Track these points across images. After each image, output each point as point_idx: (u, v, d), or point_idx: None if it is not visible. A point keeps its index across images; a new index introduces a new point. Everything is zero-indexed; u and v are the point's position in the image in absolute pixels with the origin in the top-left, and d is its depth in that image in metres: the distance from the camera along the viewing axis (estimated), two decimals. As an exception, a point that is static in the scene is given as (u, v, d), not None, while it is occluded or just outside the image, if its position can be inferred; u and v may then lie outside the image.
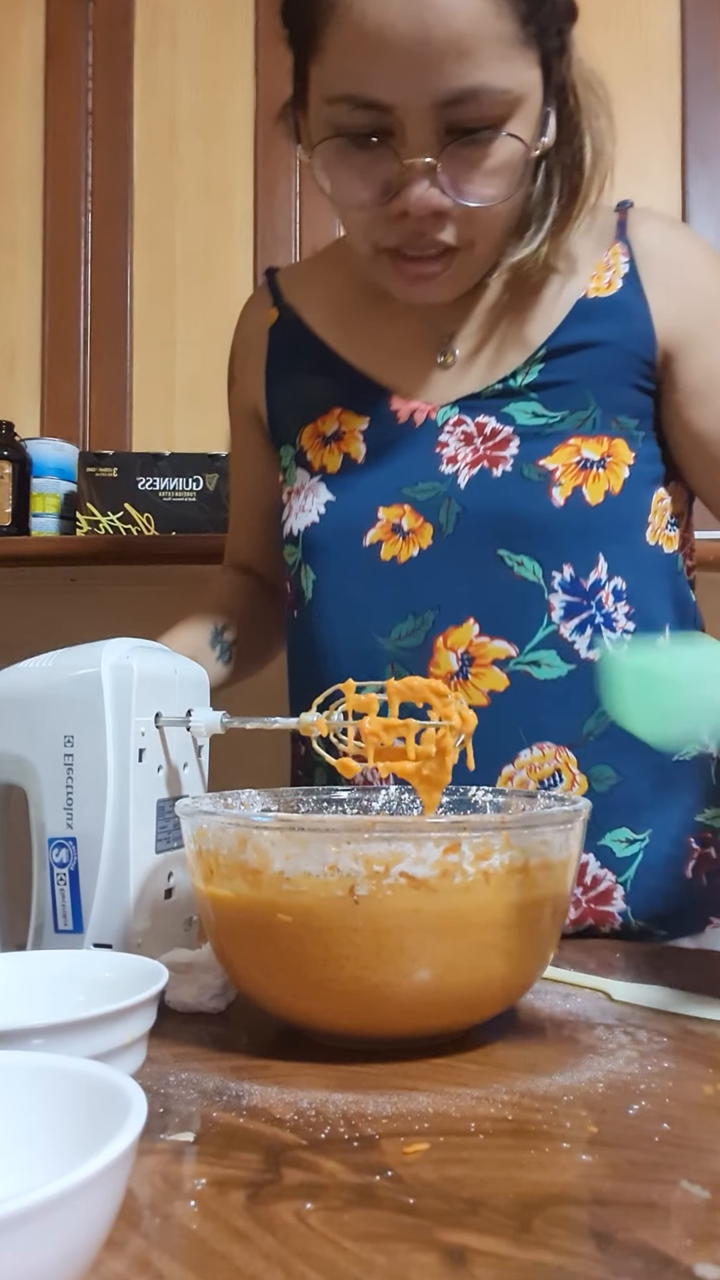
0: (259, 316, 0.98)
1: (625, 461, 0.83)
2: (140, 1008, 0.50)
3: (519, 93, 0.72)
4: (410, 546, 0.84)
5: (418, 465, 0.85)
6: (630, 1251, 0.37)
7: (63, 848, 0.67)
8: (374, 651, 0.84)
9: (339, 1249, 0.37)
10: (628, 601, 0.83)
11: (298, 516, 0.89)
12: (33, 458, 1.58)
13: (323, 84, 0.74)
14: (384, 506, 0.85)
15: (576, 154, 0.81)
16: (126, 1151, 0.33)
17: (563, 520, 0.81)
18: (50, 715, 0.68)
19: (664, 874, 0.85)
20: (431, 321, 0.88)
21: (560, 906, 0.60)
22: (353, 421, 0.89)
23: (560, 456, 0.82)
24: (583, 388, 0.83)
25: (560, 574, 0.82)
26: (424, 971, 0.55)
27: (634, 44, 1.71)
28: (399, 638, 0.84)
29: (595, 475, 0.82)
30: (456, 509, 0.83)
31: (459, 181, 0.74)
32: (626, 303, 0.84)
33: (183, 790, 0.72)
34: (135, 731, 0.67)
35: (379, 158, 0.74)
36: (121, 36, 1.79)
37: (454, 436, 0.85)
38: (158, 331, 1.77)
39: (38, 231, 1.81)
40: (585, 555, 0.82)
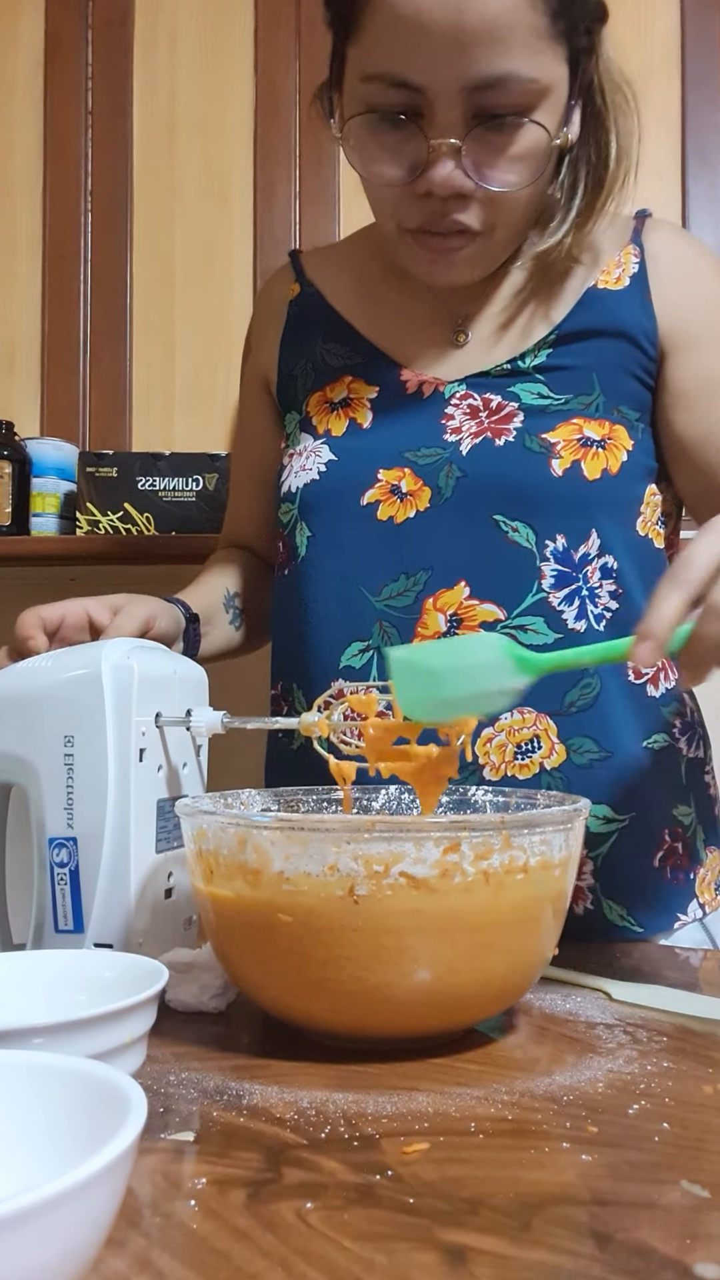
0: (280, 290, 1.00)
1: (624, 447, 0.85)
2: (140, 1007, 0.50)
3: (545, 83, 0.75)
4: (407, 508, 0.85)
5: (422, 432, 0.87)
6: (630, 1251, 0.37)
7: (63, 847, 0.67)
8: (363, 609, 0.86)
9: (339, 1248, 0.37)
10: (615, 581, 0.85)
11: (297, 475, 0.90)
12: (33, 457, 1.58)
13: (359, 63, 0.77)
14: (384, 469, 0.87)
15: (602, 150, 0.83)
16: (127, 1151, 0.33)
17: (559, 490, 0.83)
18: (50, 715, 0.68)
19: (635, 858, 0.86)
20: (449, 303, 0.91)
21: (560, 906, 0.60)
22: (362, 390, 0.91)
23: (563, 432, 0.84)
24: (588, 373, 0.85)
25: (553, 543, 0.83)
26: (424, 971, 0.55)
27: (634, 44, 1.71)
28: (389, 597, 0.85)
29: (595, 453, 0.83)
30: (457, 474, 0.84)
31: (482, 165, 0.76)
32: (633, 298, 0.87)
33: (183, 790, 0.72)
34: (136, 731, 0.67)
35: (408, 137, 0.77)
36: (121, 36, 1.79)
37: (460, 409, 0.87)
38: (157, 331, 1.76)
39: (37, 231, 1.80)
40: (579, 527, 0.83)
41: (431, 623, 0.84)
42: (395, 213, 0.81)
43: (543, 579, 0.83)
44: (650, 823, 0.86)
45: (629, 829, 0.85)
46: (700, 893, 0.89)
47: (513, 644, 0.63)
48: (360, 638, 0.86)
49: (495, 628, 0.82)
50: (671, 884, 0.88)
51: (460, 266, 0.83)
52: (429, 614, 0.84)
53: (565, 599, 0.83)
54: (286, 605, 0.92)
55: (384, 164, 0.78)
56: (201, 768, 0.75)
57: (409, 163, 0.77)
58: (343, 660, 0.86)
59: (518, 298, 0.90)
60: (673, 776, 0.89)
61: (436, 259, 0.82)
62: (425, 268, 0.84)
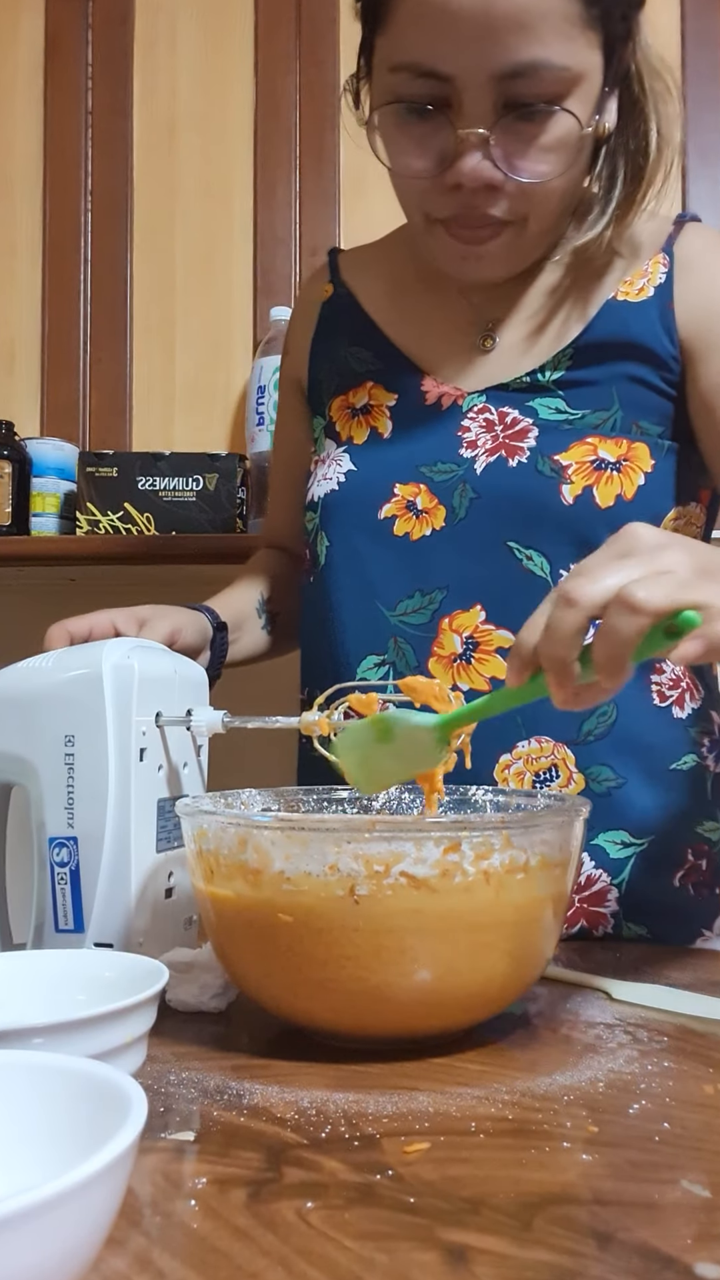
0: (315, 291, 1.00)
1: (643, 468, 0.83)
2: (140, 1007, 0.50)
3: (577, 71, 0.73)
4: (423, 526, 0.85)
5: (438, 445, 0.86)
6: (630, 1251, 0.37)
7: (64, 847, 0.67)
8: (379, 623, 0.86)
9: (340, 1248, 0.37)
10: None
11: (319, 484, 0.90)
12: (33, 457, 1.58)
13: (387, 53, 0.75)
14: (400, 483, 0.87)
15: (641, 139, 0.81)
16: (127, 1150, 0.33)
17: (571, 518, 0.81)
18: (51, 715, 0.68)
19: (656, 879, 0.85)
20: (479, 307, 0.89)
21: (560, 906, 0.60)
22: (382, 397, 0.91)
23: (575, 454, 0.82)
24: (607, 388, 0.84)
25: (566, 572, 0.81)
26: (424, 971, 0.55)
27: (634, 44, 1.71)
28: (405, 613, 0.85)
29: (609, 477, 0.82)
30: (470, 494, 0.84)
31: (512, 156, 0.74)
32: (653, 309, 0.84)
33: (183, 790, 0.72)
34: (136, 731, 0.67)
35: (436, 128, 0.75)
36: (121, 36, 1.79)
37: (476, 422, 0.86)
38: (157, 331, 1.76)
39: (37, 231, 1.80)
40: None
41: (448, 644, 0.83)
42: (423, 204, 0.79)
43: None
44: (671, 843, 0.86)
45: (646, 851, 0.84)
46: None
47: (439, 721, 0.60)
48: (376, 651, 0.86)
49: None
50: (695, 900, 0.87)
51: (491, 260, 0.81)
52: (445, 634, 0.84)
53: None
54: (311, 612, 0.93)
55: (412, 155, 0.77)
56: (202, 768, 0.75)
57: (437, 154, 0.76)
58: (359, 673, 0.86)
59: (551, 298, 0.88)
60: (700, 794, 0.87)
61: (467, 251, 0.80)
62: (455, 261, 0.82)
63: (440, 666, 0.84)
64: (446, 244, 0.81)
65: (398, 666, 0.85)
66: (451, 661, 0.83)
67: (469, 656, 0.83)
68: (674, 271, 0.85)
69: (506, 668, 0.56)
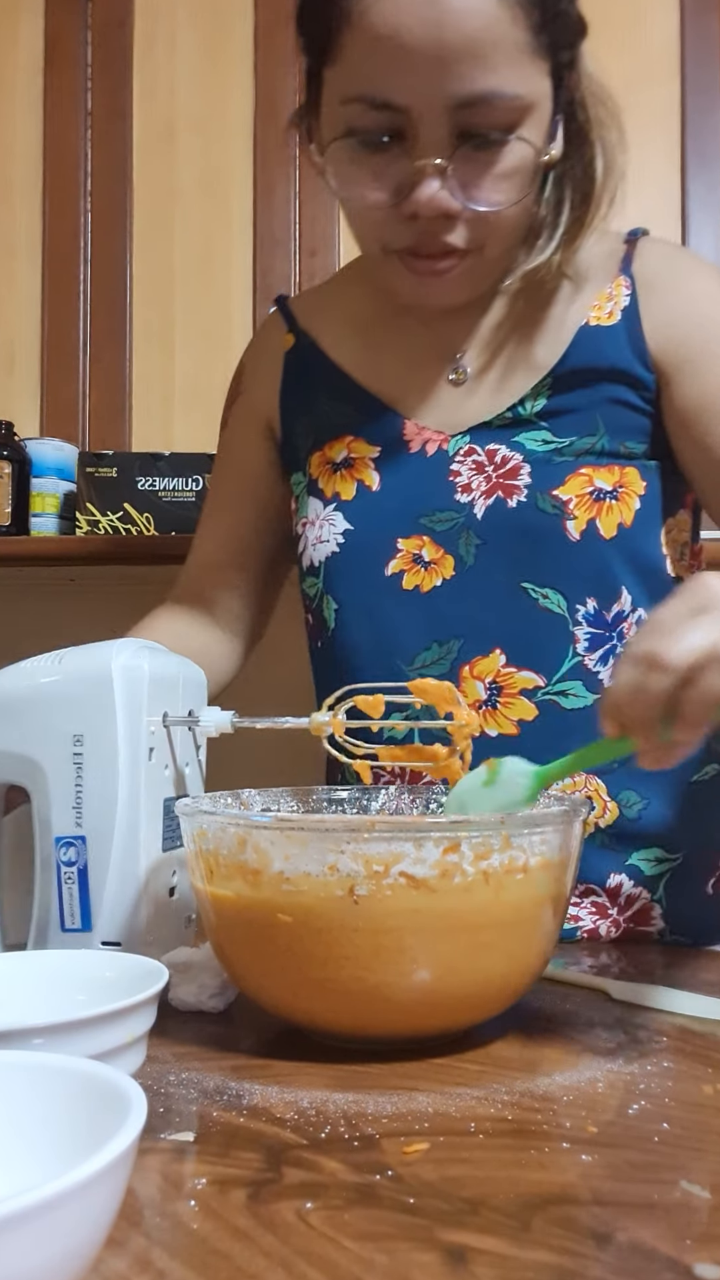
0: (274, 340, 0.97)
1: (637, 492, 0.83)
2: (140, 1007, 0.50)
3: (530, 99, 0.73)
4: (433, 576, 0.85)
5: (433, 494, 0.85)
6: (630, 1251, 0.37)
7: (71, 846, 0.67)
8: (398, 679, 0.83)
9: (339, 1248, 0.37)
10: None
11: (316, 548, 0.88)
12: (32, 458, 1.58)
13: (338, 86, 0.75)
14: (403, 537, 0.85)
15: (588, 165, 0.82)
16: (127, 1151, 0.33)
17: (580, 554, 0.82)
18: (59, 715, 0.67)
19: (693, 891, 0.86)
20: (442, 334, 0.88)
21: (560, 906, 0.60)
22: (363, 449, 0.88)
23: (573, 487, 0.82)
24: (590, 413, 0.84)
25: (584, 607, 0.82)
26: (424, 971, 0.55)
27: (633, 45, 1.71)
28: (424, 665, 0.84)
29: (609, 507, 0.82)
30: (476, 541, 0.83)
31: (469, 185, 0.75)
32: (624, 332, 0.85)
33: (187, 790, 0.72)
34: (145, 730, 0.67)
35: (392, 159, 0.75)
36: (120, 38, 1.79)
37: (465, 465, 0.85)
38: (157, 332, 1.77)
39: (37, 232, 1.81)
40: (608, 588, 0.83)
41: (471, 691, 0.83)
42: (380, 235, 0.79)
43: (577, 643, 0.82)
44: (702, 852, 0.86)
45: (681, 865, 0.85)
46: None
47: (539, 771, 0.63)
48: (399, 709, 0.83)
49: (536, 695, 0.82)
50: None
51: (450, 286, 0.81)
52: (467, 682, 0.83)
53: (600, 659, 0.82)
54: (325, 678, 0.91)
55: (368, 187, 0.76)
56: (201, 768, 0.75)
57: (393, 185, 0.75)
58: (386, 733, 0.83)
59: (511, 325, 0.87)
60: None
61: (425, 280, 0.80)
62: (413, 290, 0.81)
63: None
64: (404, 274, 0.80)
65: (423, 720, 0.83)
66: (477, 708, 0.82)
67: (494, 702, 0.82)
68: (637, 292, 0.85)
69: (600, 724, 0.57)
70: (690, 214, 1.70)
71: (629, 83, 1.71)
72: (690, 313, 0.85)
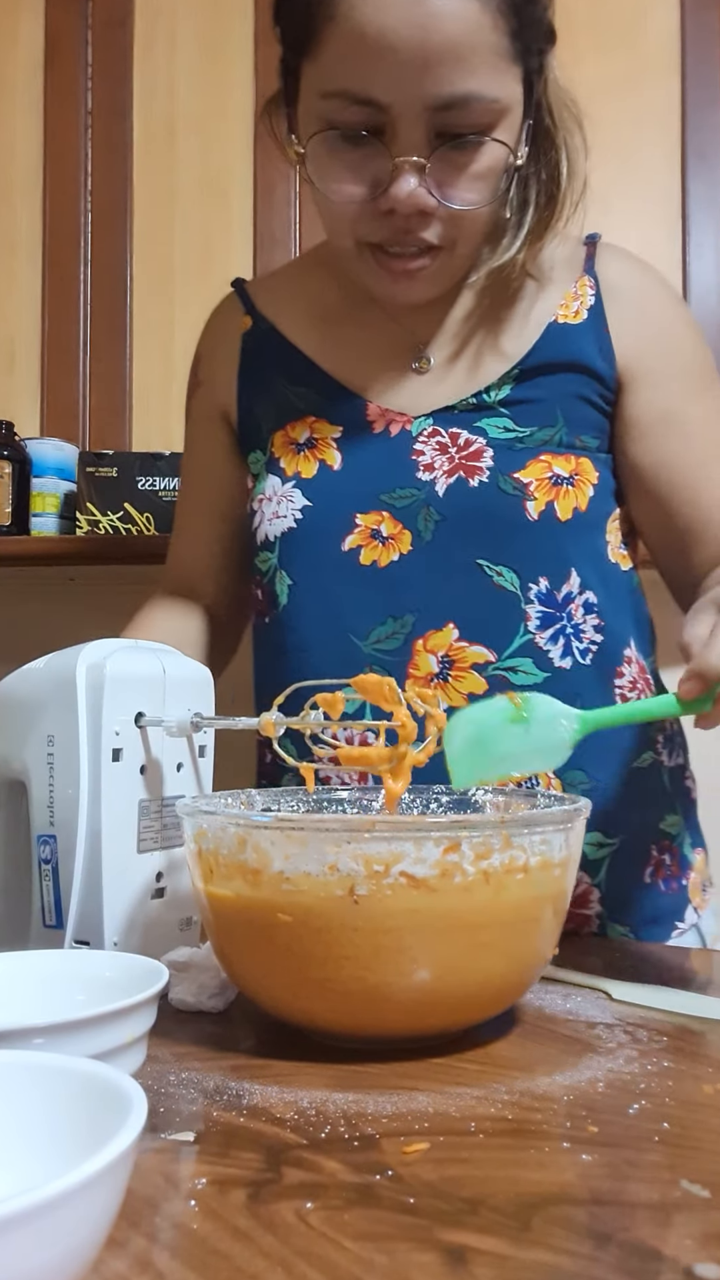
0: (230, 322, 0.98)
1: (590, 481, 0.86)
2: (140, 1007, 0.50)
3: (505, 102, 0.76)
4: (390, 551, 0.86)
5: (395, 472, 0.86)
6: (630, 1251, 0.37)
7: (46, 844, 0.68)
8: (352, 655, 0.85)
9: (339, 1248, 0.37)
10: (598, 615, 0.86)
11: (272, 522, 0.89)
12: (33, 457, 1.58)
13: (319, 80, 0.76)
14: (361, 513, 0.86)
15: (554, 167, 0.84)
16: (127, 1151, 0.33)
17: (537, 533, 0.84)
18: (37, 716, 0.68)
19: (630, 877, 0.87)
20: (407, 326, 0.90)
21: (560, 906, 0.60)
22: (326, 429, 0.90)
23: (533, 471, 0.84)
24: (551, 406, 0.86)
25: (536, 586, 0.84)
26: (424, 971, 0.55)
27: (634, 44, 1.71)
28: (378, 640, 0.85)
29: (565, 491, 0.85)
30: (436, 517, 0.85)
31: (444, 184, 0.76)
32: (592, 332, 0.87)
33: (174, 791, 0.72)
34: (109, 731, 0.67)
35: (370, 155, 0.76)
36: (120, 37, 1.79)
37: (429, 445, 0.86)
38: (157, 331, 1.77)
39: (37, 232, 1.81)
40: (558, 569, 0.85)
41: (423, 664, 0.84)
42: (355, 229, 0.80)
43: (528, 620, 0.84)
44: (639, 839, 0.88)
45: (619, 850, 0.87)
46: (692, 896, 0.91)
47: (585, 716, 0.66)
48: None
49: (485, 669, 0.83)
50: (666, 895, 0.89)
51: (421, 283, 0.83)
52: (420, 655, 0.84)
53: (550, 638, 0.85)
54: (269, 654, 0.91)
55: (345, 181, 0.78)
56: (200, 769, 0.74)
57: (370, 179, 0.77)
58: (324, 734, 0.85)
59: (474, 313, 0.89)
60: (658, 789, 0.90)
61: (397, 275, 0.82)
62: (386, 285, 0.83)
63: (417, 688, 0.84)
64: (376, 270, 0.82)
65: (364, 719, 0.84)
66: (429, 681, 0.83)
67: (445, 675, 0.83)
68: (602, 294, 0.88)
69: (681, 682, 0.61)
70: (690, 213, 1.69)
71: (629, 80, 1.70)
72: (654, 325, 0.89)
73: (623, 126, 1.70)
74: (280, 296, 0.97)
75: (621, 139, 1.70)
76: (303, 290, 0.96)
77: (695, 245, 1.69)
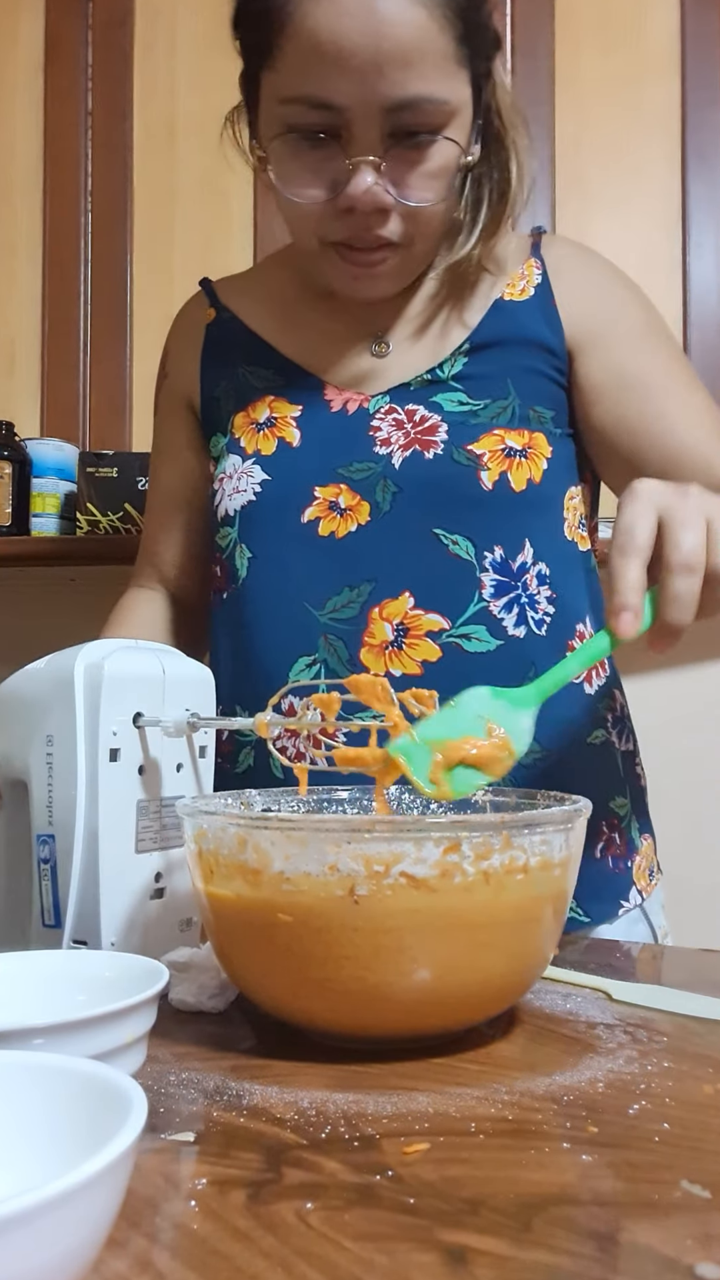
0: (196, 315, 1.03)
1: (544, 454, 0.89)
2: (140, 1007, 0.50)
3: (455, 104, 0.80)
4: (348, 523, 0.88)
5: (352, 447, 0.90)
6: (630, 1251, 0.37)
7: (45, 844, 0.68)
8: (308, 624, 0.87)
9: (339, 1248, 0.37)
10: (550, 587, 0.89)
11: (232, 497, 0.92)
12: (33, 458, 1.58)
13: (277, 87, 0.80)
14: (320, 486, 0.89)
15: (503, 167, 0.89)
16: (127, 1151, 0.33)
17: (491, 502, 0.87)
18: (37, 716, 0.69)
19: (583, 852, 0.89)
20: (366, 318, 0.94)
21: (560, 906, 0.60)
22: (285, 408, 0.93)
23: (486, 443, 0.87)
24: (503, 378, 0.90)
25: (491, 554, 0.87)
26: (424, 971, 0.55)
27: (634, 44, 1.71)
28: (333, 610, 0.87)
29: (518, 463, 0.88)
30: (393, 488, 0.88)
31: (399, 182, 0.81)
32: (539, 307, 0.92)
33: (173, 791, 0.71)
34: (106, 731, 0.67)
35: (328, 156, 0.80)
36: (120, 38, 1.79)
37: (386, 422, 0.90)
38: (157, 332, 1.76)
39: (37, 233, 1.81)
40: (513, 538, 0.88)
41: (379, 632, 0.86)
42: (318, 228, 0.84)
43: (483, 589, 0.87)
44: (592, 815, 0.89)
45: None
46: (637, 880, 0.94)
47: (497, 690, 0.65)
48: (306, 653, 0.88)
49: (440, 636, 0.85)
50: (613, 873, 0.92)
51: (382, 279, 0.87)
52: (375, 624, 0.86)
53: (505, 607, 0.87)
54: (227, 629, 0.93)
55: (305, 181, 0.81)
56: (200, 770, 0.74)
57: (329, 180, 0.81)
58: (291, 675, 0.88)
59: (432, 303, 0.93)
60: (610, 768, 0.93)
61: (359, 272, 0.86)
62: (348, 282, 0.87)
63: (372, 655, 0.86)
64: (340, 266, 0.86)
65: (330, 663, 0.87)
66: (383, 649, 0.86)
67: (400, 643, 0.86)
68: (548, 273, 0.93)
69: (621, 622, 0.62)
70: (690, 213, 1.69)
71: (629, 81, 1.71)
72: (599, 293, 0.93)
73: (623, 126, 1.70)
74: (243, 291, 1.01)
75: (622, 139, 1.70)
76: (264, 285, 1.01)
77: (695, 245, 1.70)
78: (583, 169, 1.70)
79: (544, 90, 1.68)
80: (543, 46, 1.70)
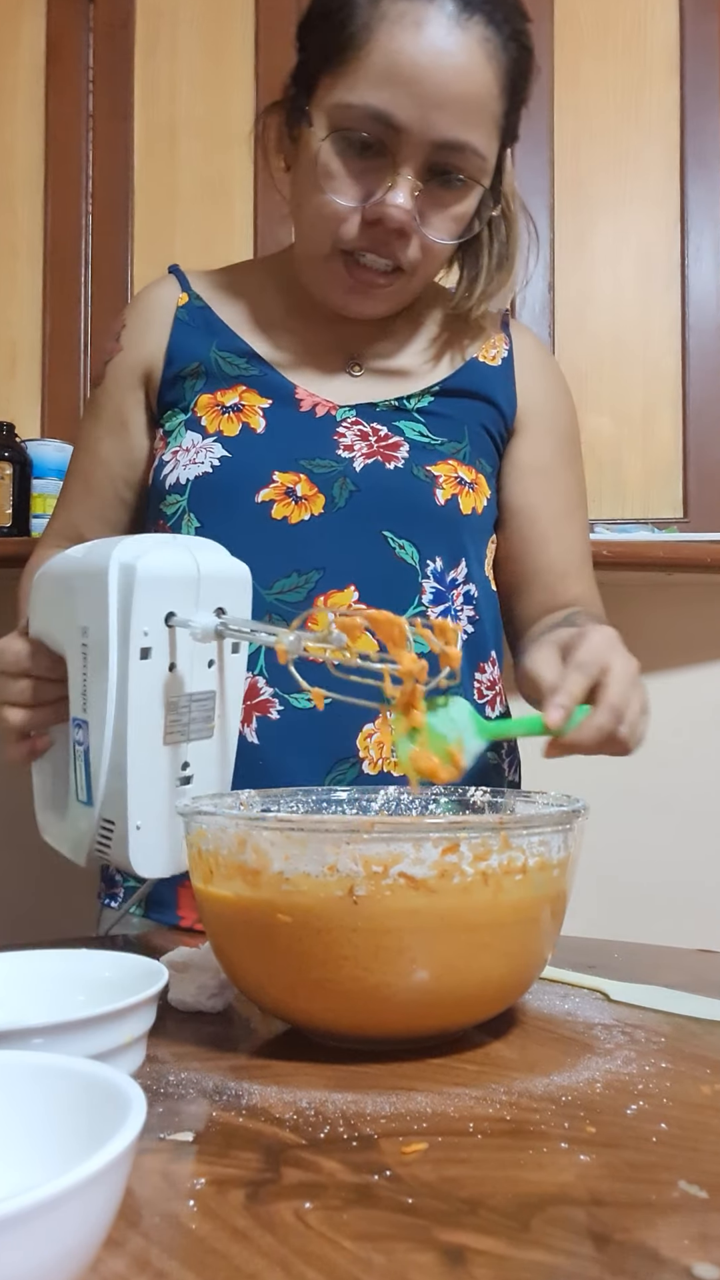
0: (166, 296, 1.02)
1: (484, 494, 0.97)
2: (140, 1007, 0.50)
3: (489, 163, 0.88)
4: (302, 511, 0.91)
5: (316, 445, 0.93)
6: (628, 1251, 0.37)
7: (80, 727, 0.70)
8: (255, 601, 0.86)
9: (338, 1248, 0.37)
10: (474, 609, 0.96)
11: (186, 468, 0.93)
12: (33, 458, 1.59)
13: (342, 91, 0.84)
14: (280, 471, 0.92)
15: (505, 242, 0.97)
16: (126, 1151, 0.33)
17: (441, 517, 0.93)
18: (73, 604, 0.70)
19: None
20: (343, 337, 0.98)
21: (559, 906, 0.60)
22: (254, 399, 0.95)
23: (442, 469, 0.94)
24: (461, 425, 0.97)
25: (433, 564, 0.92)
26: (423, 972, 0.55)
27: (634, 48, 1.72)
28: (281, 591, 0.90)
29: (467, 492, 0.95)
30: (351, 487, 0.92)
31: (426, 214, 0.86)
32: (503, 376, 1.01)
33: (196, 687, 0.71)
34: (138, 631, 0.67)
35: (372, 168, 0.85)
36: (122, 40, 1.79)
37: (351, 431, 0.94)
38: (158, 333, 1.77)
39: (38, 234, 1.81)
40: (453, 554, 0.94)
41: (321, 619, 0.86)
42: (336, 231, 0.87)
43: (424, 594, 0.92)
44: None
45: None
46: None
47: (474, 712, 0.72)
48: None
49: None
50: None
51: (377, 301, 0.92)
52: (320, 612, 0.86)
53: (441, 614, 0.93)
54: None
55: (344, 184, 0.85)
56: (229, 667, 0.74)
57: (367, 189, 0.85)
58: None
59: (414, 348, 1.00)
60: None
61: (359, 288, 0.90)
62: (344, 293, 0.91)
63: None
64: (342, 275, 0.90)
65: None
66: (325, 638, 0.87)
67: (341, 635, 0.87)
68: (514, 352, 1.03)
69: (551, 715, 0.70)
70: (689, 217, 1.70)
71: (629, 85, 1.71)
72: (549, 388, 1.03)
73: (623, 131, 1.70)
74: (217, 286, 1.03)
75: (622, 143, 1.70)
76: (244, 289, 1.02)
77: (694, 249, 1.70)
78: (582, 172, 1.70)
79: (544, 93, 1.68)
80: (543, 49, 1.71)
